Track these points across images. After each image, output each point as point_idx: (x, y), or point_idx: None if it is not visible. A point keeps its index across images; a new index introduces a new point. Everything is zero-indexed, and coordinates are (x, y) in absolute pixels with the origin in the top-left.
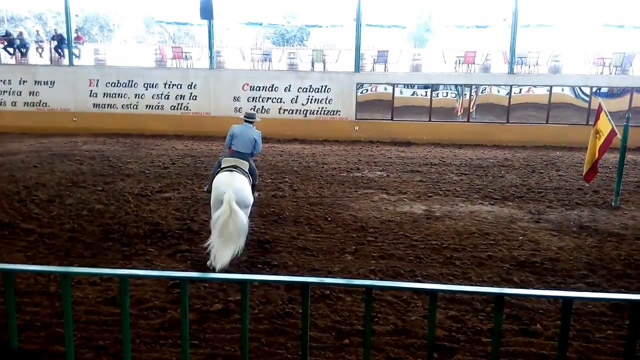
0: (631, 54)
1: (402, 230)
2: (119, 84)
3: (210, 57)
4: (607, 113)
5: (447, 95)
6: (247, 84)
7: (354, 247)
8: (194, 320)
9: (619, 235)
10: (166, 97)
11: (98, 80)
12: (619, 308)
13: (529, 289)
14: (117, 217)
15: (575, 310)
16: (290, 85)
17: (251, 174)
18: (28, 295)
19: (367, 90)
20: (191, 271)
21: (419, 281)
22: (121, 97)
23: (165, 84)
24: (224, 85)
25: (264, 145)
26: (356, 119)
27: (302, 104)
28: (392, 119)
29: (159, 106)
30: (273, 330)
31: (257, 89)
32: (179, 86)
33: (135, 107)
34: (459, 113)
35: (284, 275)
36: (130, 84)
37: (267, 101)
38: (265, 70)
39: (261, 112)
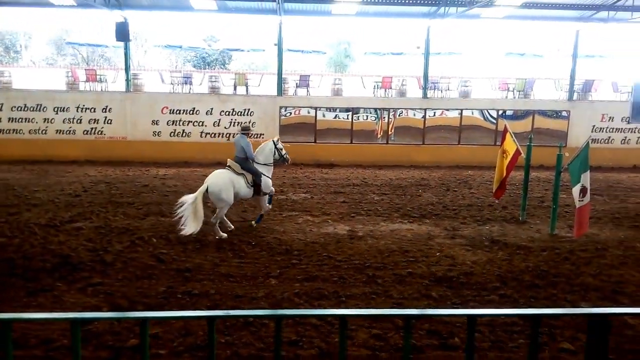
0: (532, 79)
1: (327, 252)
2: (26, 108)
3: (127, 80)
4: (512, 134)
5: (367, 119)
6: (167, 107)
7: (278, 271)
8: (107, 357)
9: (527, 248)
10: (78, 121)
11: (2, 104)
12: (529, 318)
13: (447, 303)
14: (22, 250)
15: (490, 322)
16: (212, 109)
17: (252, 173)
18: None
19: (290, 113)
20: (104, 306)
21: (342, 301)
22: (28, 121)
23: (77, 107)
24: (142, 108)
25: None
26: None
27: (225, 127)
28: (315, 142)
29: (70, 131)
30: None
31: (178, 112)
32: (92, 110)
33: (44, 132)
34: (378, 135)
35: (204, 305)
36: (38, 108)
37: (188, 125)
38: (185, 94)
39: (182, 136)
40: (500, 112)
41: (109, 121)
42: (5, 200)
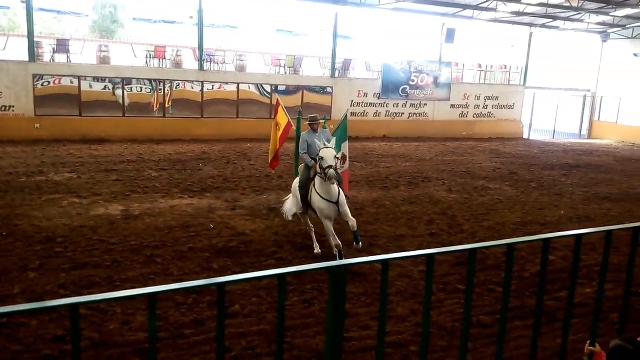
0: (300, 56)
1: (97, 235)
2: None
3: None
4: (284, 108)
5: (141, 90)
6: None
7: (38, 262)
8: None
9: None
10: None
11: None
12: (301, 277)
13: (227, 272)
14: None
15: (268, 284)
16: None
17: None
18: None
19: (48, 82)
20: None
21: (117, 286)
22: None
23: None
24: None
25: None
26: (36, 115)
27: None
28: (80, 115)
29: None
30: None
31: None
32: None
33: None
34: (154, 108)
35: None
36: None
37: None
38: None
39: None
40: (274, 86)
41: None
42: None
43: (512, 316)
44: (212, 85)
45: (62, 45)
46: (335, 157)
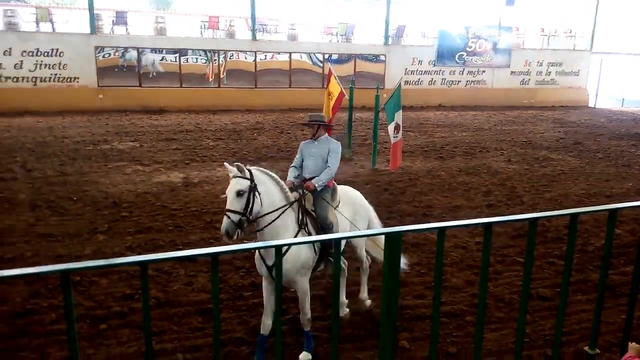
0: (352, 24)
1: (160, 201)
2: None
3: None
4: (337, 77)
5: (197, 61)
6: None
7: (106, 226)
8: None
9: (352, 182)
10: None
11: None
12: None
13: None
14: None
15: None
16: (11, 49)
17: None
18: None
19: (109, 54)
20: None
21: (180, 250)
22: None
23: None
24: None
25: None
26: (99, 86)
27: (30, 70)
28: (140, 86)
29: None
30: (13, 331)
31: None
32: None
33: None
34: (210, 79)
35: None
36: None
37: None
38: None
39: None
40: (326, 55)
41: None
42: None
43: (575, 290)
44: (265, 56)
45: (120, 18)
46: (239, 192)
